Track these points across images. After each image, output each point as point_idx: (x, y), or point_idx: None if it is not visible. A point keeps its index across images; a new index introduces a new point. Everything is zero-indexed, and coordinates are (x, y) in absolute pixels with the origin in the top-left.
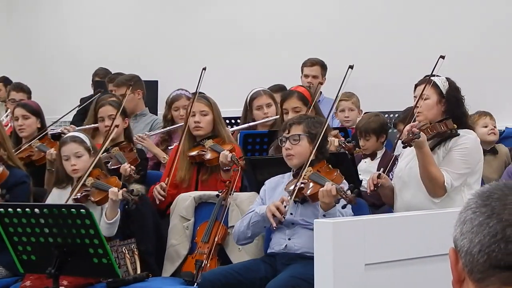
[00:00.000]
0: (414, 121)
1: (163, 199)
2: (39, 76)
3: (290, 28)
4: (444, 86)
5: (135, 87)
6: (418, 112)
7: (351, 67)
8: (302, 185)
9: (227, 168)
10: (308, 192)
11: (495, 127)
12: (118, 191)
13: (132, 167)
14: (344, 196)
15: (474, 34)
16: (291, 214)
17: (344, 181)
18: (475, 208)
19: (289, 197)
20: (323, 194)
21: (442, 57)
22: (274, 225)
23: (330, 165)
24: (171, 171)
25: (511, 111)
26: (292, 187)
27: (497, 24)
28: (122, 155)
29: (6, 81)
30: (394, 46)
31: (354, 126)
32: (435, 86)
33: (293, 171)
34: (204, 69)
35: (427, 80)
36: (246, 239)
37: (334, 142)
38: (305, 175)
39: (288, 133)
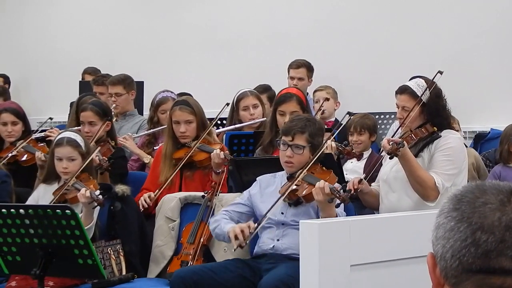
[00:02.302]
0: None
1: (146, 207)
2: (24, 77)
3: (276, 29)
4: (425, 94)
5: (129, 87)
6: (402, 124)
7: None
8: (296, 187)
9: (220, 170)
10: (303, 193)
11: (457, 131)
12: (86, 191)
13: (102, 157)
14: (337, 195)
15: (458, 36)
16: (282, 213)
17: (337, 184)
18: (447, 212)
19: (256, 225)
20: (316, 192)
21: (440, 72)
22: (235, 246)
23: (323, 167)
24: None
25: (495, 112)
26: (284, 190)
27: (480, 26)
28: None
29: None
30: (379, 48)
31: (333, 120)
32: (415, 96)
33: (287, 173)
34: (228, 104)
35: (407, 91)
36: (213, 235)
37: (331, 147)
38: (299, 178)
39: (292, 140)
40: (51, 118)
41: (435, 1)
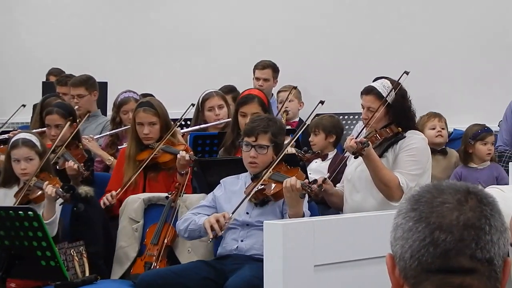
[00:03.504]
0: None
1: (108, 205)
2: None
3: (242, 29)
4: (390, 95)
5: (92, 88)
6: (367, 125)
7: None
8: (263, 186)
9: (184, 171)
10: (271, 191)
11: (443, 129)
12: (52, 187)
13: (80, 164)
14: (309, 190)
15: (423, 38)
16: (247, 213)
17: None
18: (405, 213)
19: (231, 214)
20: (287, 189)
21: (407, 72)
22: (211, 236)
23: (288, 166)
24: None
25: (458, 113)
26: (251, 190)
27: (446, 28)
28: (69, 154)
29: None
30: (345, 49)
31: (297, 120)
32: (381, 97)
33: (251, 174)
34: (193, 104)
35: (372, 92)
36: (183, 237)
37: (291, 152)
38: (265, 177)
39: (255, 140)
40: (24, 105)
41: (401, 2)
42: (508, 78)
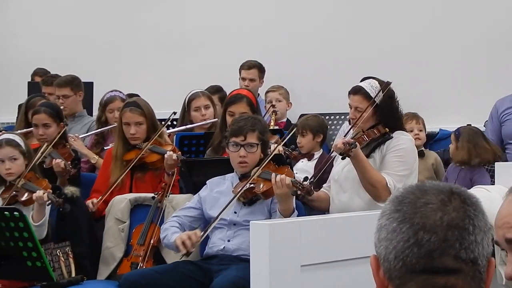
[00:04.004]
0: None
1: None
2: None
3: (228, 29)
4: (378, 96)
5: (77, 88)
6: (354, 125)
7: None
8: (252, 185)
9: (172, 171)
10: (261, 189)
11: (421, 131)
12: (44, 193)
13: (67, 162)
14: (300, 187)
15: (410, 38)
16: (235, 212)
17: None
18: (388, 214)
19: (203, 232)
20: (277, 185)
21: (389, 82)
22: (184, 252)
23: (276, 165)
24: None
25: (445, 113)
26: (240, 189)
27: (431, 28)
28: (56, 153)
29: None
30: (331, 49)
31: (285, 120)
32: (369, 97)
33: (238, 174)
34: (174, 113)
35: (360, 92)
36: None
37: (278, 150)
38: (254, 176)
39: (244, 139)
40: None
41: (387, 3)
42: (494, 79)
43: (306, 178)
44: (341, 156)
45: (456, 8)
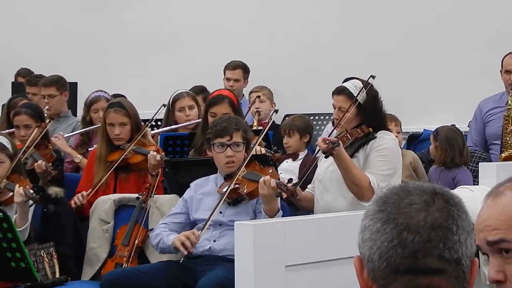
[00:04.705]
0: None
1: (78, 205)
2: None
3: (213, 29)
4: (361, 96)
5: (62, 88)
6: (338, 124)
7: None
8: (237, 185)
9: (156, 171)
10: (245, 190)
11: (398, 133)
12: (19, 187)
13: (48, 164)
14: (284, 188)
15: (394, 38)
16: (220, 212)
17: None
18: (372, 215)
19: (201, 231)
20: (261, 186)
21: (373, 76)
22: (185, 253)
23: (261, 165)
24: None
25: (428, 113)
26: (225, 189)
27: (415, 28)
28: (38, 154)
29: None
30: (315, 49)
31: (267, 121)
32: (352, 97)
33: (223, 174)
34: (164, 105)
35: (344, 92)
36: (158, 252)
37: (260, 152)
38: (239, 176)
39: (230, 139)
40: None
41: (371, 3)
42: (477, 79)
43: (290, 180)
44: (324, 155)
45: (440, 10)
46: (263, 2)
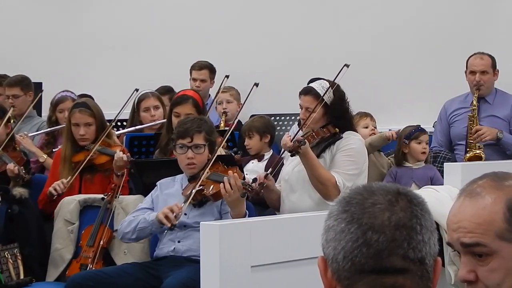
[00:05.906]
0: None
1: (55, 194)
2: None
3: (180, 29)
4: (328, 96)
5: (27, 88)
6: (304, 124)
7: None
8: (201, 187)
9: (121, 172)
10: (210, 191)
11: (375, 127)
12: None
13: (21, 167)
14: (249, 188)
15: (362, 38)
16: (185, 214)
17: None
18: (336, 215)
19: (183, 203)
20: (227, 187)
21: (347, 65)
22: (169, 225)
23: (225, 165)
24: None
25: (397, 114)
26: (190, 191)
27: (384, 28)
28: (7, 156)
29: None
30: (282, 49)
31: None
32: (319, 97)
33: (187, 176)
34: (137, 90)
35: (311, 92)
36: (130, 239)
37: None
38: (203, 178)
39: (191, 141)
40: None
41: (338, 5)
42: (442, 80)
43: (255, 180)
44: (290, 154)
45: (407, 11)
46: (229, 1)
